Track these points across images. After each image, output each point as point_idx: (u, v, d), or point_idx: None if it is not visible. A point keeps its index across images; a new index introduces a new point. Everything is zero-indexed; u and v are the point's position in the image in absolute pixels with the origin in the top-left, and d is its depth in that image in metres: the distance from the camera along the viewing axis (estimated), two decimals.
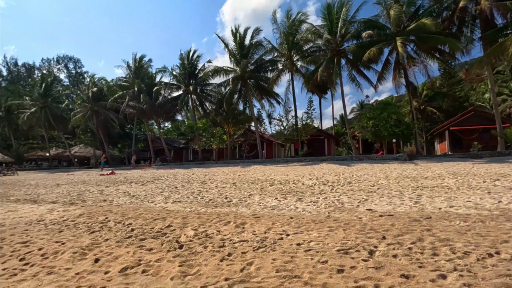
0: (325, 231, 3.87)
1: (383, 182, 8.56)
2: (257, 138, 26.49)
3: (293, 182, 9.40)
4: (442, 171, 10.66)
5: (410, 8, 19.55)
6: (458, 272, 2.43)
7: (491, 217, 4.28)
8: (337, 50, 21.69)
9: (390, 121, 18.41)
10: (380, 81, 22.62)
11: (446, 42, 17.70)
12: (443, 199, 5.81)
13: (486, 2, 15.30)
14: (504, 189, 6.53)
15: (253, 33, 26.39)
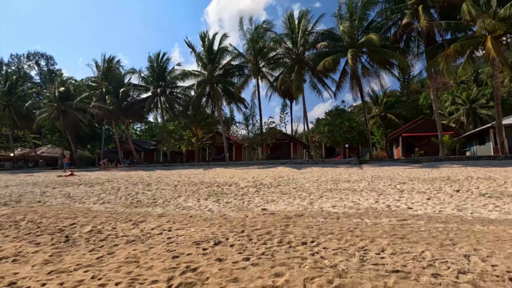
0: (202, 227, 4.54)
1: (307, 184, 9.43)
2: (224, 141, 27.09)
3: (229, 184, 10.08)
4: (372, 174, 11.74)
5: (362, 22, 20.98)
6: (264, 257, 3.17)
7: (350, 214, 5.14)
8: (298, 58, 22.80)
9: (343, 127, 19.66)
10: (338, 89, 24.01)
11: (393, 56, 19.21)
12: (336, 199, 6.69)
13: (424, 21, 16.86)
14: (397, 191, 7.53)
15: (221, 39, 27.07)
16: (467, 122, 36.41)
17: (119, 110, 29.14)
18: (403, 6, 19.51)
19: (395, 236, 3.82)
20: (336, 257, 3.12)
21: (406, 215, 5.00)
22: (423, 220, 4.62)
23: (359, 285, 2.43)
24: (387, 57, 19.62)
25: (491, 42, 14.46)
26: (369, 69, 22.12)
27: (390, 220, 4.69)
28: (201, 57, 27.33)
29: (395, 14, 19.78)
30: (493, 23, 14.03)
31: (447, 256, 3.06)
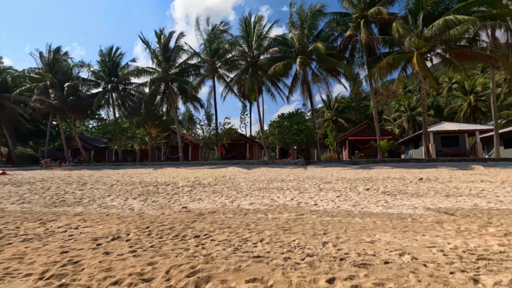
0: (112, 225, 4.69)
1: (242, 183, 9.89)
2: (178, 141, 26.77)
3: (167, 184, 10.18)
4: (308, 174, 12.59)
5: (312, 31, 22.24)
6: (151, 249, 3.45)
7: (259, 210, 5.63)
8: (252, 61, 23.41)
9: (292, 130, 20.67)
10: (291, 93, 25.09)
11: (338, 65, 20.65)
12: (258, 198, 7.19)
13: (364, 35, 18.44)
14: (317, 190, 8.28)
15: (178, 37, 26.72)
16: (407, 128, 40.12)
17: (64, 105, 27.29)
18: (347, 19, 21.11)
19: (282, 228, 4.35)
20: (216, 247, 3.52)
21: (307, 211, 5.62)
22: (316, 215, 5.25)
23: (216, 269, 2.83)
24: (333, 65, 21.03)
25: (417, 58, 16.35)
26: (318, 76, 23.47)
27: (289, 215, 5.25)
28: (156, 54, 26.74)
29: (340, 26, 21.32)
30: (417, 41, 15.91)
31: (310, 243, 3.62)
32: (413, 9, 18.02)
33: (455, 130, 24.91)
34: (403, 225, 4.43)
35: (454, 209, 5.48)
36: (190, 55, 27.11)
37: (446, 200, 6.40)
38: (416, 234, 3.96)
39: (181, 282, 2.56)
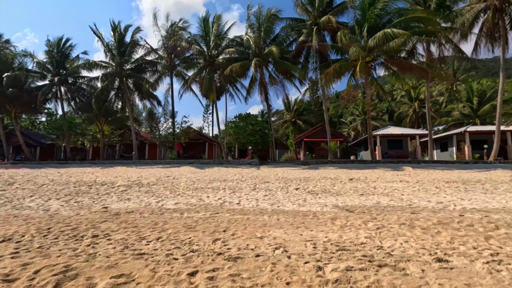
0: (11, 226, 4.53)
1: (182, 183, 9.94)
2: (133, 138, 25.85)
3: (104, 184, 9.89)
4: (254, 175, 12.95)
5: (270, 34, 22.82)
6: (33, 248, 3.43)
7: (180, 210, 5.77)
8: (210, 61, 23.38)
9: (247, 130, 21.05)
10: (249, 94, 25.49)
11: (293, 68, 21.42)
12: (188, 198, 7.32)
13: (315, 41, 19.38)
14: (250, 190, 8.61)
15: (134, 31, 25.78)
16: (361, 131, 42.67)
17: (3, 97, 24.97)
18: (302, 25, 22.01)
19: (187, 226, 4.54)
20: (107, 246, 3.61)
21: (225, 210, 5.88)
22: (231, 213, 5.52)
23: (90, 267, 2.93)
24: (288, 69, 21.77)
25: (360, 66, 17.60)
26: (275, 78, 24.12)
27: (205, 214, 5.47)
28: (110, 48, 25.55)
29: (295, 31, 22.15)
30: (358, 51, 17.17)
31: (202, 240, 3.84)
32: (360, 21, 19.31)
33: (398, 134, 27.08)
34: (301, 222, 4.86)
35: (357, 207, 6.08)
36: (147, 51, 26.32)
37: (357, 199, 7.05)
38: (306, 229, 4.38)
39: (44, 281, 2.63)
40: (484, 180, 10.14)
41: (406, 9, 19.17)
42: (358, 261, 3.07)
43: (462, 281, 2.61)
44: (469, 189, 8.22)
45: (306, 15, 22.15)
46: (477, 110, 38.43)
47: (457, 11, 20.40)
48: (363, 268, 2.90)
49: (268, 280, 2.66)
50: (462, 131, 25.72)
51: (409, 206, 6.08)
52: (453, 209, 5.78)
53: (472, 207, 5.90)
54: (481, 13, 21.19)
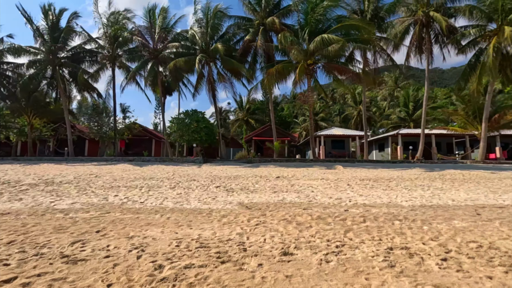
0: None
1: (100, 182, 9.33)
2: (68, 134, 23.75)
3: (8, 182, 8.88)
4: (190, 173, 12.68)
5: (219, 30, 22.58)
6: None
7: (75, 210, 5.36)
8: (154, 54, 22.41)
9: (192, 127, 20.63)
10: (196, 91, 24.99)
11: (239, 67, 21.46)
12: (93, 196, 6.87)
13: (259, 42, 19.66)
14: (169, 188, 8.37)
15: (71, 17, 23.64)
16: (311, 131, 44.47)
17: None
18: (249, 24, 22.18)
19: (56, 228, 4.20)
20: None
21: (121, 209, 5.60)
22: (123, 213, 5.27)
23: None
24: (235, 67, 21.76)
25: (300, 69, 18.31)
26: (224, 76, 23.96)
27: (94, 214, 5.14)
28: (42, 32, 23.12)
29: (241, 29, 22.25)
30: (296, 53, 17.88)
31: (60, 242, 3.56)
32: (302, 24, 20.02)
33: (340, 135, 28.74)
34: (189, 220, 4.80)
35: (259, 204, 6.22)
36: (87, 40, 24.34)
37: (267, 196, 7.23)
38: (187, 227, 4.33)
39: None
40: (395, 178, 11.14)
41: (345, 16, 20.36)
42: (207, 258, 3.09)
43: (287, 273, 2.75)
44: (375, 186, 8.95)
45: (253, 15, 22.35)
46: (412, 114, 42.40)
47: (389, 23, 22.17)
48: (204, 264, 2.92)
49: (92, 283, 2.53)
50: (396, 133, 28.17)
51: (308, 202, 6.39)
52: (345, 204, 6.20)
53: (363, 202, 6.40)
54: (411, 26, 23.33)
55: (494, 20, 20.33)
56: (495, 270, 2.86)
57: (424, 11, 21.71)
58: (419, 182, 9.86)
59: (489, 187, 8.90)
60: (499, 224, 4.58)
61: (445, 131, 25.94)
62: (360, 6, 22.20)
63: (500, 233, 4.09)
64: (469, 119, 23.81)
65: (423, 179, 10.85)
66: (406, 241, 3.72)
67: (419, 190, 8.19)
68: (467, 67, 22.20)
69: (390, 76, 59.10)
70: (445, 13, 22.11)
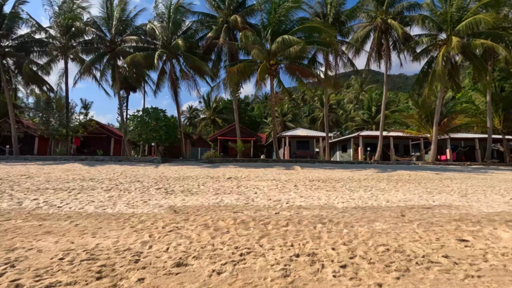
0: None
1: (28, 183, 8.46)
2: (12, 129, 21.68)
3: None
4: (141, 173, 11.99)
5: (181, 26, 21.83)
6: None
7: None
8: (111, 47, 21.19)
9: (150, 126, 19.75)
10: (158, 87, 24.07)
11: (201, 65, 20.92)
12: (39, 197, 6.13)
13: (221, 39, 19.30)
14: (104, 190, 7.77)
15: (16, 2, 21.59)
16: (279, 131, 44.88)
17: None
18: (213, 21, 21.73)
19: None
20: None
21: (30, 214, 5.00)
22: (27, 217, 4.69)
23: None
24: (197, 64, 21.18)
25: (261, 69, 18.25)
26: (187, 73, 23.25)
27: None
28: None
29: (204, 26, 21.76)
30: (257, 53, 17.84)
31: None
32: (266, 24, 19.97)
33: (305, 135, 29.19)
34: (99, 226, 4.36)
35: (193, 207, 5.90)
36: (35, 28, 22.40)
37: (206, 198, 6.92)
38: (90, 236, 3.90)
39: None
40: (345, 178, 11.33)
41: (307, 19, 20.62)
42: (84, 273, 2.74)
43: None
44: (321, 187, 8.99)
45: (217, 12, 21.93)
46: (374, 117, 44.27)
47: (349, 28, 22.84)
48: (73, 282, 2.56)
49: None
50: (357, 135, 29.15)
51: (244, 205, 6.19)
52: (280, 207, 6.07)
53: (299, 204, 6.31)
54: (371, 32, 24.23)
55: (444, 30, 21.67)
56: (388, 276, 2.79)
57: (382, 18, 22.63)
58: (365, 183, 10.09)
59: (427, 188, 9.30)
60: (417, 225, 4.66)
61: (402, 133, 27.29)
62: (323, 9, 22.63)
63: (413, 235, 4.13)
64: (422, 123, 25.23)
65: (371, 179, 11.15)
66: (317, 246, 3.60)
67: (361, 191, 8.33)
68: (421, 73, 23.49)
69: (356, 80, 61.37)
70: (401, 21, 23.21)
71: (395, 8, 23.08)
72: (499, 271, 2.97)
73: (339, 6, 22.22)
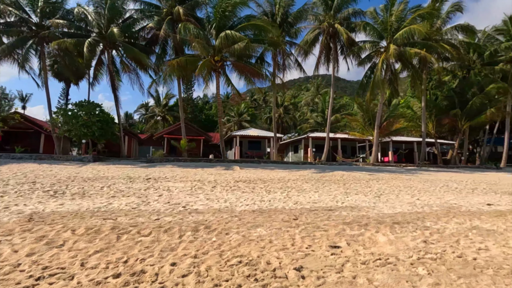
0: None
1: None
2: None
3: None
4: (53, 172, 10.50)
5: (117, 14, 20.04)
6: None
7: None
8: (37, 31, 18.82)
9: (80, 121, 17.87)
10: (95, 79, 22.04)
11: (141, 57, 19.46)
12: None
13: (163, 32, 18.16)
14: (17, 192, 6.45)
15: None
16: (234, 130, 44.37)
17: None
18: (155, 12, 20.40)
19: None
20: None
21: None
22: None
23: None
24: (137, 56, 19.67)
25: (204, 64, 17.44)
26: (128, 66, 21.56)
27: None
28: None
29: (146, 16, 20.35)
30: (199, 47, 17.09)
31: None
32: (212, 19, 19.21)
33: (256, 135, 28.96)
34: None
35: (58, 213, 4.97)
36: None
37: (95, 201, 6.00)
38: None
39: None
40: (276, 179, 11.03)
41: (255, 17, 20.27)
42: None
43: None
44: (241, 188, 8.51)
45: (161, 3, 20.61)
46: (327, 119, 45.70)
47: (297, 29, 23.00)
48: None
49: None
50: (306, 136, 29.66)
51: (129, 210, 5.40)
52: (172, 211, 5.40)
53: (196, 208, 5.71)
54: (320, 36, 24.69)
55: (384, 38, 22.80)
56: None
57: (329, 22, 23.14)
58: (291, 184, 9.85)
59: (348, 188, 9.31)
60: (300, 230, 4.30)
61: (347, 135, 28.30)
62: (272, 9, 22.48)
63: (286, 242, 3.72)
64: (366, 126, 26.38)
65: (301, 180, 10.98)
66: (158, 261, 2.99)
67: (278, 193, 8.00)
68: (364, 78, 24.50)
69: (313, 84, 63.14)
70: (348, 26, 23.95)
71: (342, 14, 23.74)
72: (343, 285, 2.61)
73: (288, 7, 22.22)
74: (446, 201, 7.59)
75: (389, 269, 2.99)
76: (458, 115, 25.89)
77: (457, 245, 3.85)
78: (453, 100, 26.94)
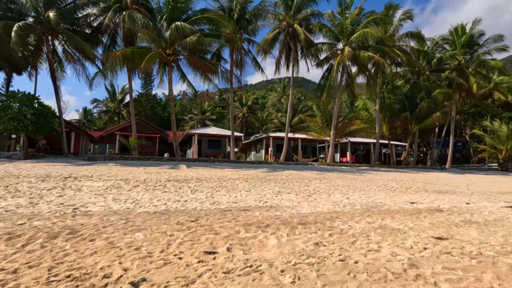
0: None
1: None
2: None
3: None
4: None
5: None
6: None
7: None
8: None
9: (10, 114, 16.00)
10: (33, 68, 20.00)
11: (83, 46, 17.87)
12: None
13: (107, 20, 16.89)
14: None
15: None
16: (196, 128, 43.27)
17: None
18: None
19: None
20: None
21: None
22: None
23: None
24: (79, 45, 18.07)
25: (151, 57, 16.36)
26: (72, 55, 19.83)
27: None
28: None
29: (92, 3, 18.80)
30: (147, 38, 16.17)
31: None
32: (163, 10, 18.25)
33: (216, 134, 28.26)
34: None
35: None
36: None
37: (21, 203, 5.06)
38: None
39: None
40: (215, 178, 10.52)
41: (211, 11, 19.61)
42: None
43: None
44: (169, 188, 7.88)
45: None
46: (291, 120, 46.19)
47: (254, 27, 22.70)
48: None
49: None
50: (267, 136, 29.54)
51: (6, 212, 4.57)
52: (57, 212, 4.65)
53: (89, 210, 5.00)
54: (280, 35, 24.62)
55: (341, 41, 23.30)
56: None
57: (288, 22, 23.15)
58: (228, 183, 9.40)
59: (283, 187, 9.06)
60: (186, 234, 3.80)
61: (306, 136, 28.61)
62: (230, 4, 21.96)
63: (155, 249, 3.20)
64: (323, 126, 26.83)
65: (242, 179, 10.57)
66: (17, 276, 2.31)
67: (204, 192, 7.49)
68: (321, 80, 24.85)
69: (279, 84, 63.67)
70: (307, 27, 24.14)
71: (301, 14, 23.85)
72: None
73: (245, 3, 21.84)
74: (373, 200, 7.58)
75: (251, 279, 2.59)
76: (408, 118, 27.23)
77: (350, 247, 3.60)
78: (404, 104, 28.29)
